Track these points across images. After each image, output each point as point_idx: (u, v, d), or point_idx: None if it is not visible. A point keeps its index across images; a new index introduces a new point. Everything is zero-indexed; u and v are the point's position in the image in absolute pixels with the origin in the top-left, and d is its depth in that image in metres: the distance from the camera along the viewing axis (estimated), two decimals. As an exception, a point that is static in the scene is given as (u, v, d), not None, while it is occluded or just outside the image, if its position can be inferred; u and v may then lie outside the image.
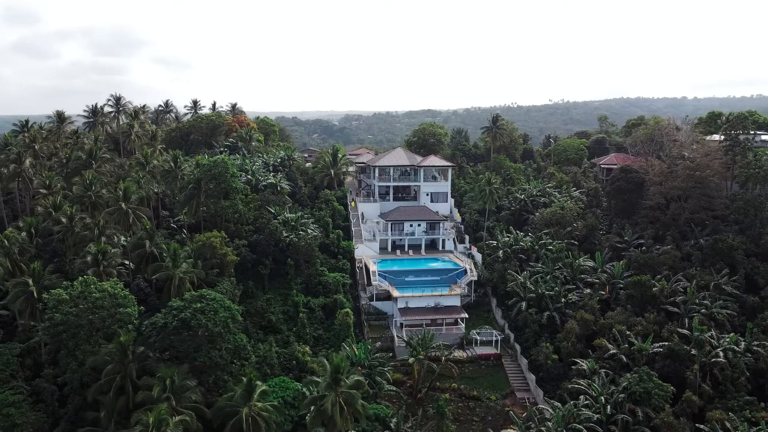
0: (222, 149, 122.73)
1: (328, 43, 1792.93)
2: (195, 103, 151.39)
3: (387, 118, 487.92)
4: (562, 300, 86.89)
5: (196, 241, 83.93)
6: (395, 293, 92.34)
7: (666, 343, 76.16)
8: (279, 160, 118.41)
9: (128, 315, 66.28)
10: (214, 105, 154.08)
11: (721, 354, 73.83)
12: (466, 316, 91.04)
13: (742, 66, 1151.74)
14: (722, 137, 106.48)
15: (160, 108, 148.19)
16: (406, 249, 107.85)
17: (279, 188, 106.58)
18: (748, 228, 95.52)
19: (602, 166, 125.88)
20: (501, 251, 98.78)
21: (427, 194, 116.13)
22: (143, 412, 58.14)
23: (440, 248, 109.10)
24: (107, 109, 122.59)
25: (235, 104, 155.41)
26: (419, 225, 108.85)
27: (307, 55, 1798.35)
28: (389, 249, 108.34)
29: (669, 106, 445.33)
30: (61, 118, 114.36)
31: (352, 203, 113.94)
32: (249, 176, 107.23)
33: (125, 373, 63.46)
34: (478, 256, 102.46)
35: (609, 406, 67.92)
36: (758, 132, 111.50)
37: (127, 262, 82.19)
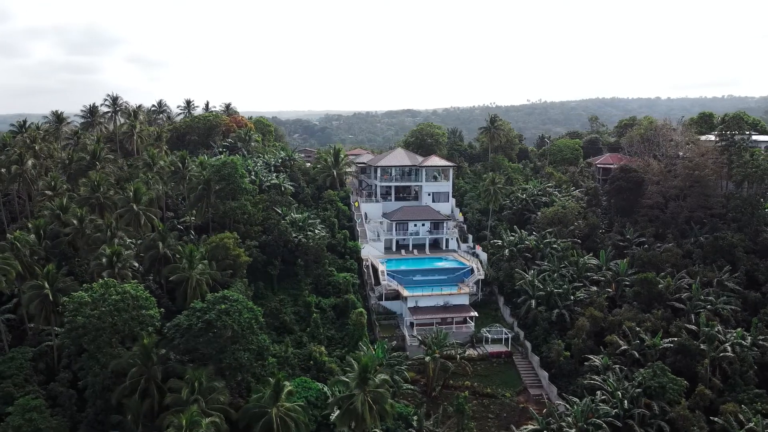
0: (221, 149, 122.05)
1: (306, 43, 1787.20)
2: (188, 103, 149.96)
3: (367, 118, 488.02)
4: (571, 298, 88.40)
5: (209, 242, 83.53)
6: (405, 293, 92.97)
7: (676, 339, 78.15)
8: (280, 160, 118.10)
9: (150, 317, 65.81)
10: (207, 105, 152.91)
11: (729, 348, 75.96)
12: (476, 314, 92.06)
13: (713, 68, 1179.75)
14: (717, 137, 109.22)
15: (153, 108, 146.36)
16: (411, 249, 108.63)
17: (283, 189, 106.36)
18: (746, 226, 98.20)
19: (598, 165, 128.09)
20: (507, 250, 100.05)
21: (429, 194, 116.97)
22: (174, 415, 57.83)
23: (444, 248, 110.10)
24: (104, 108, 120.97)
25: (229, 104, 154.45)
26: (423, 225, 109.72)
27: (284, 54, 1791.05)
28: (393, 249, 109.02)
29: (643, 106, 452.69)
30: (59, 118, 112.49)
31: (356, 203, 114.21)
32: (252, 177, 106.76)
33: (149, 376, 63.08)
34: (483, 255, 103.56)
35: (626, 401, 69.47)
36: (752, 132, 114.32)
37: (136, 264, 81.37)
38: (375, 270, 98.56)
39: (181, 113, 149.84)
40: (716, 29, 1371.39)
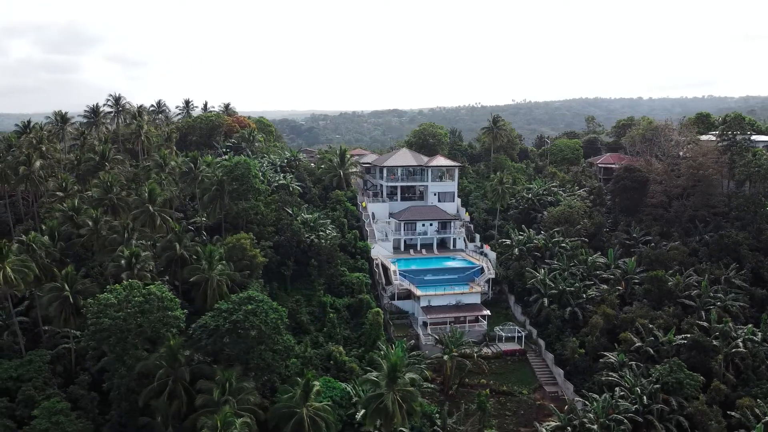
0: (224, 150, 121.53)
1: (289, 43, 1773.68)
2: (187, 103, 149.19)
3: (353, 118, 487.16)
4: (583, 296, 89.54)
5: (226, 242, 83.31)
6: (417, 292, 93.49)
7: (689, 335, 79.69)
8: (285, 160, 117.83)
9: (175, 318, 65.56)
10: (206, 105, 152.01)
11: (741, 344, 77.62)
12: (489, 313, 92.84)
13: (692, 69, 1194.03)
14: (718, 137, 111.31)
15: (152, 108, 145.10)
16: (419, 248, 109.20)
17: (291, 189, 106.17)
18: (749, 224, 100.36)
19: (600, 165, 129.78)
20: (516, 249, 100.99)
21: (435, 194, 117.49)
22: (206, 415, 57.74)
23: (451, 247, 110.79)
24: (106, 108, 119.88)
25: (228, 104, 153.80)
26: (431, 224, 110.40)
27: (268, 54, 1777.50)
28: (402, 248, 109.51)
29: (626, 106, 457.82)
30: (63, 119, 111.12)
31: (363, 204, 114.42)
32: (261, 177, 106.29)
33: (176, 377, 62.83)
34: (492, 255, 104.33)
35: (644, 397, 70.64)
36: (752, 132, 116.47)
37: (152, 265, 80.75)
38: (386, 270, 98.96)
39: (179, 113, 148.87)
40: (695, 31, 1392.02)
